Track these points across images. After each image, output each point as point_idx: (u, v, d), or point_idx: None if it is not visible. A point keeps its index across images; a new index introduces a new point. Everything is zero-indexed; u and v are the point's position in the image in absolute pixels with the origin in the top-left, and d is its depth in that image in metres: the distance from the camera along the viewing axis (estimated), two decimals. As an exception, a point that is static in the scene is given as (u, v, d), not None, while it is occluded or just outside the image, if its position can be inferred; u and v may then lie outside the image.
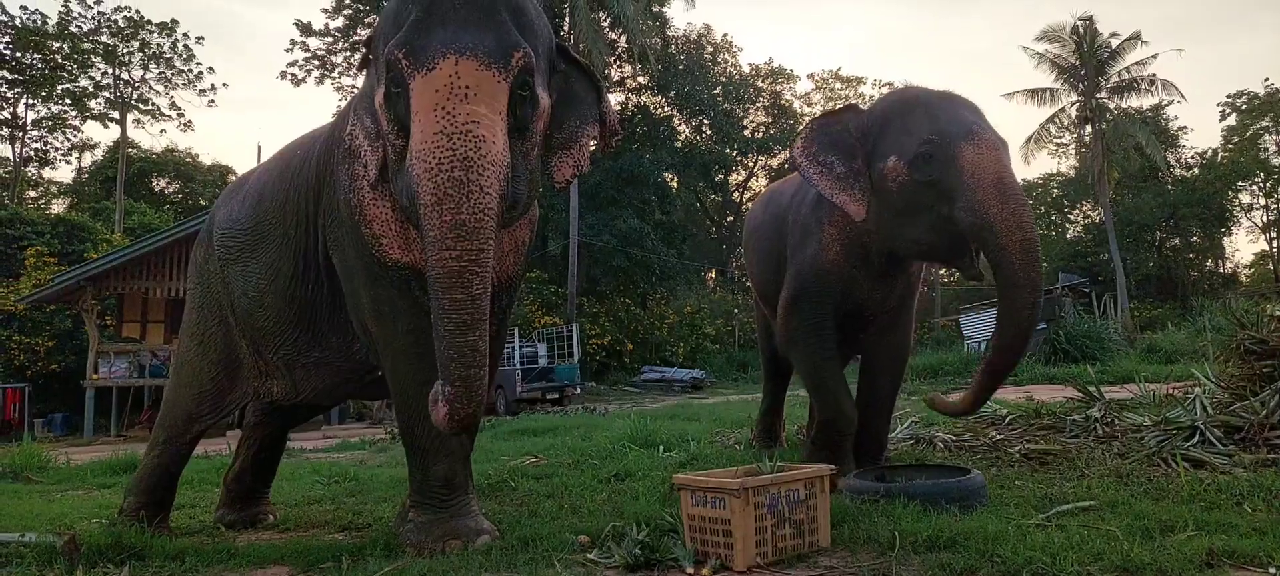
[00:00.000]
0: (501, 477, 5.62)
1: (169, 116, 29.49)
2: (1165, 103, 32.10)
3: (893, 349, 5.11)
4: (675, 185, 29.96)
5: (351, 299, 3.86)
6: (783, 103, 34.47)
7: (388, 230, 3.64)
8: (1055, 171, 39.92)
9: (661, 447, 6.73)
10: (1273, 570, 2.77)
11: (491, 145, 3.05)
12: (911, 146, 4.39)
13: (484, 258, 3.02)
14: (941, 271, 36.80)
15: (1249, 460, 4.77)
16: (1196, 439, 5.21)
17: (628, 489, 4.96)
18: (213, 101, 33.84)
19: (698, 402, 14.10)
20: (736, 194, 34.62)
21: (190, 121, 35.81)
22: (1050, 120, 29.71)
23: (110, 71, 27.88)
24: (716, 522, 3.25)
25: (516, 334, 18.49)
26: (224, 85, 39.99)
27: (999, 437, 6.09)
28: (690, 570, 3.17)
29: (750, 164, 34.05)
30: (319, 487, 5.92)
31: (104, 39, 27.14)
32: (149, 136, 43.29)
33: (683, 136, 30.59)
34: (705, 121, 30.36)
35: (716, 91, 30.35)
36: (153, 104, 28.88)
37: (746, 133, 31.95)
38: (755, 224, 6.19)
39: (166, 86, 28.95)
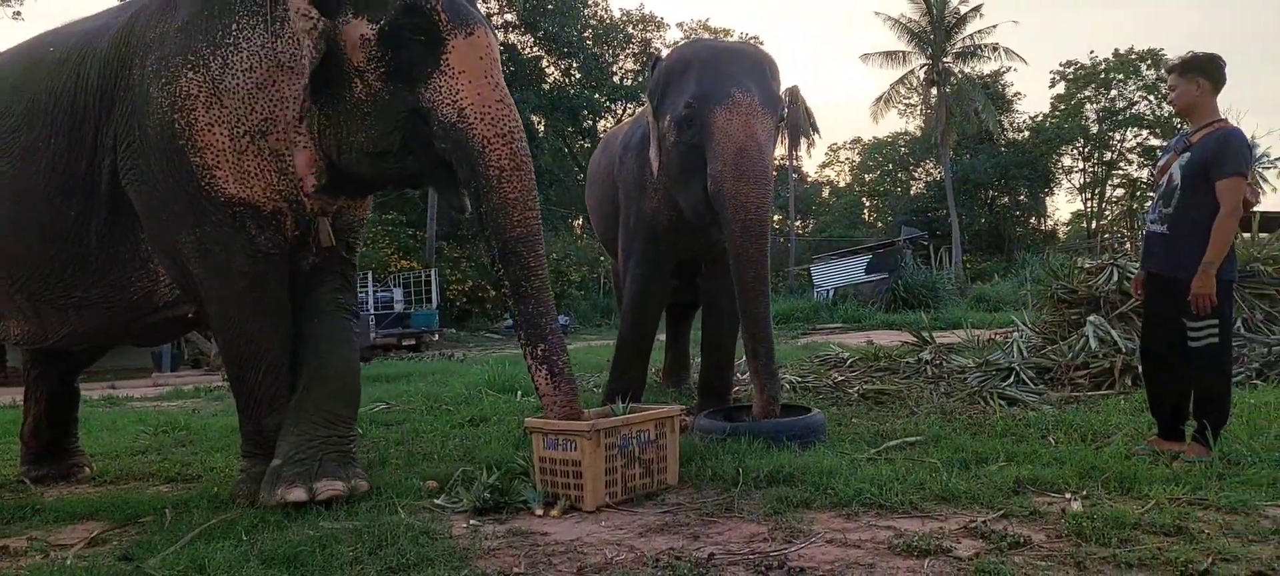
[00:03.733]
0: (348, 424, 5.42)
1: (-35, 28, 26.18)
2: (1004, 69, 34.40)
3: (730, 294, 5.12)
4: (542, 128, 29.54)
5: (159, 236, 3.48)
6: (652, 50, 34.47)
7: (223, 161, 3.31)
8: (903, 131, 42.08)
9: (519, 392, 6.69)
10: (1068, 495, 3.05)
11: None
12: (679, 107, 4.38)
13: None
14: (796, 221, 38.38)
15: (1056, 398, 5.25)
16: (1012, 379, 5.67)
17: (482, 434, 4.90)
18: (19, 14, 30.35)
19: (558, 348, 14.08)
20: (604, 140, 34.51)
21: (-9, 34, 31.81)
22: (900, 81, 31.24)
23: (-113, -29, 24.42)
24: (567, 464, 3.26)
25: (370, 278, 17.87)
26: (33, -5, 35.92)
27: (840, 379, 6.41)
28: (539, 511, 3.17)
29: (619, 111, 34.01)
30: (144, 438, 5.51)
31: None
32: (-56, 51, 38.47)
33: (551, 79, 30.10)
34: (574, 65, 29.96)
35: (586, 34, 29.97)
36: (-57, 12, 25.54)
37: (615, 78, 31.78)
38: (593, 172, 6.19)
39: (-39, -8, 25.65)
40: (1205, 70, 3.54)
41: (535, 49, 29.44)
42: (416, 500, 3.35)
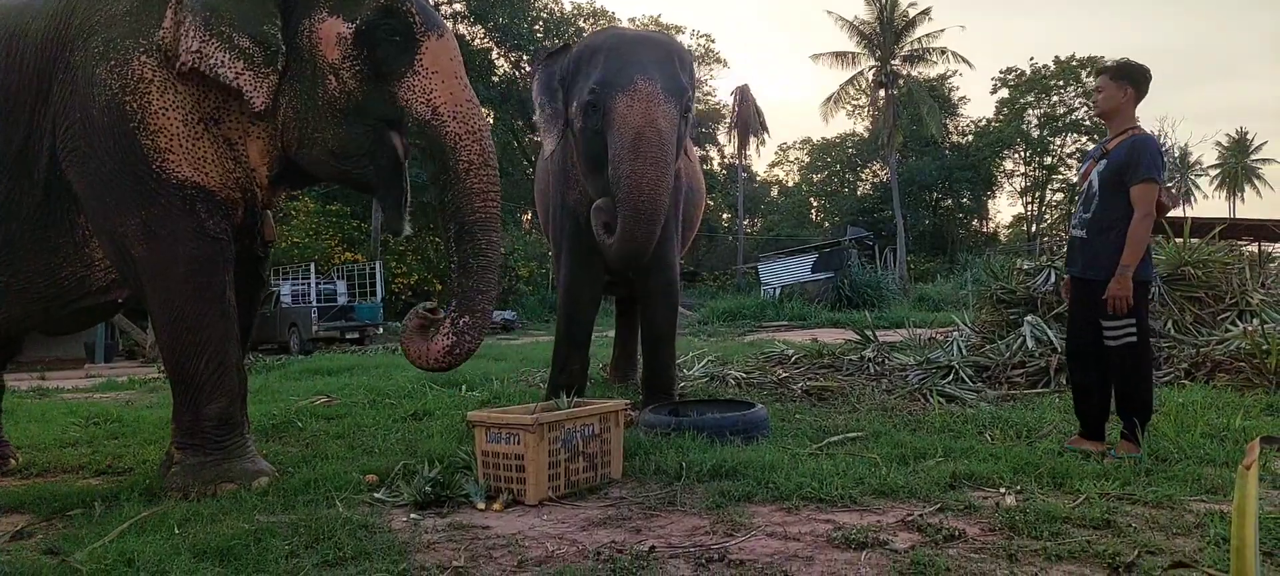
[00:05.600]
0: (287, 418, 5.31)
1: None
2: (950, 73, 35.13)
3: (661, 287, 5.02)
4: (492, 121, 29.26)
5: (102, 218, 3.41)
6: (600, 45, 34.30)
7: (177, 144, 3.30)
8: (851, 132, 42.69)
9: (464, 387, 6.63)
10: (1003, 489, 3.13)
11: None
12: (585, 94, 4.41)
13: None
14: (745, 220, 38.69)
15: (993, 395, 5.37)
16: (951, 377, 5.80)
17: (424, 428, 4.84)
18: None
19: (506, 343, 14.03)
20: (554, 134, 34.24)
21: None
22: (849, 82, 31.66)
23: None
24: (510, 458, 3.24)
25: (313, 270, 17.55)
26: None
27: (785, 375, 6.49)
28: (481, 505, 3.14)
29: (569, 105, 33.76)
30: (74, 430, 5.33)
31: None
32: None
33: (501, 71, 29.84)
34: (525, 57, 29.72)
35: (537, 27, 29.78)
36: None
37: (566, 73, 31.59)
38: (538, 167, 6.17)
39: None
40: (1133, 78, 3.66)
41: (485, 40, 29.15)
42: (356, 493, 3.30)
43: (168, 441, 3.78)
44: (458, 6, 27.89)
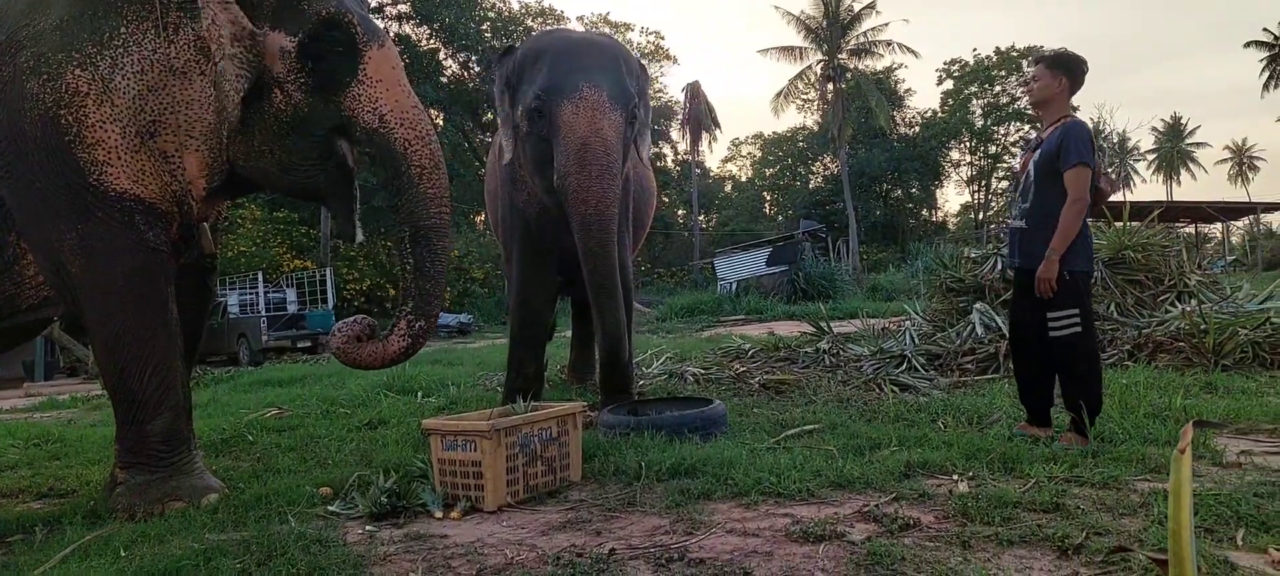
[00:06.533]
0: (237, 432, 5.19)
1: None
2: (896, 66, 35.65)
3: None
4: (441, 123, 28.97)
5: (37, 233, 3.32)
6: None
7: (116, 156, 3.22)
8: (802, 125, 43.11)
9: (420, 393, 6.55)
10: (955, 476, 3.18)
11: None
12: (530, 99, 4.37)
13: None
14: (700, 216, 38.85)
15: (945, 383, 5.47)
16: (905, 366, 5.89)
17: (379, 437, 4.77)
18: None
19: (462, 347, 13.90)
20: (505, 135, 33.96)
21: None
22: (798, 77, 31.96)
23: None
24: (467, 465, 3.20)
25: (261, 278, 17.21)
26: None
27: (742, 370, 6.53)
28: (439, 514, 3.11)
29: (519, 105, 33.47)
30: (13, 452, 5.15)
31: None
32: None
33: (449, 72, 29.54)
34: (472, 58, 29.48)
35: (484, 27, 29.55)
36: None
37: (515, 73, 31.33)
38: (490, 170, 6.12)
39: None
40: (1069, 68, 3.67)
41: (432, 41, 28.85)
42: (309, 507, 3.24)
43: (112, 461, 3.67)
44: (402, 7, 27.55)
